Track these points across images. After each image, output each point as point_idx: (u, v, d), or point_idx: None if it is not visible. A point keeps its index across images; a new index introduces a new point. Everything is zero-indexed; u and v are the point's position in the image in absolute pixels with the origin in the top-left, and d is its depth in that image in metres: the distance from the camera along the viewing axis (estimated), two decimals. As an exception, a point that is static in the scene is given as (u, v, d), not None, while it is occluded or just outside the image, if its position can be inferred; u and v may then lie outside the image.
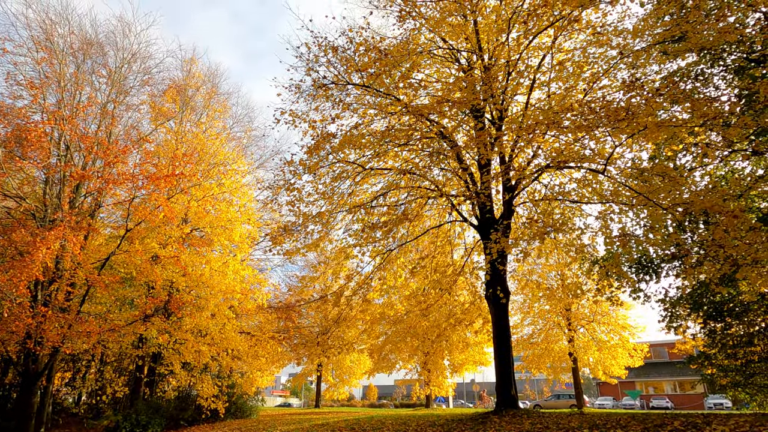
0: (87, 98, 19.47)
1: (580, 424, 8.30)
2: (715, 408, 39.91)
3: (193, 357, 17.88)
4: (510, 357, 11.99)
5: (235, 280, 19.76)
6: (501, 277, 12.41)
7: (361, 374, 34.67)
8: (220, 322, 19.18)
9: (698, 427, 6.56)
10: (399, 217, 11.33)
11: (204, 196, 18.95)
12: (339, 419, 15.74)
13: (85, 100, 19.33)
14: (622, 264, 13.65)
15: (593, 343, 27.18)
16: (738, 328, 14.42)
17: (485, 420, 10.27)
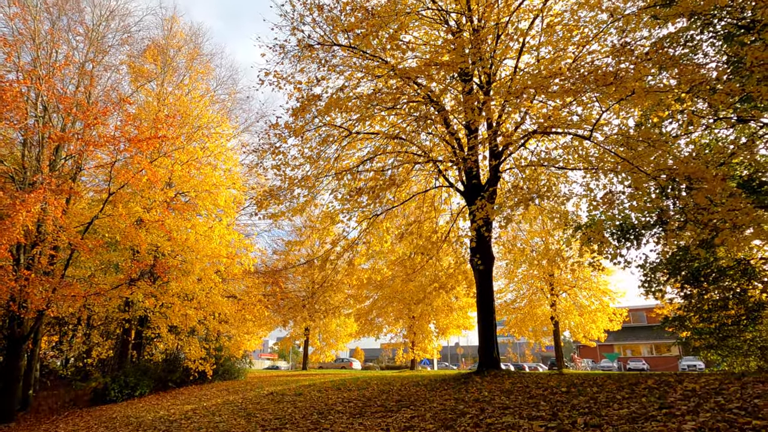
0: (64, 57, 18.81)
1: (558, 383, 8.58)
2: (689, 369, 41.52)
3: (180, 320, 17.98)
4: (493, 320, 12.25)
5: (221, 244, 19.69)
6: (485, 242, 12.54)
7: (348, 338, 35.25)
8: (206, 286, 19.22)
9: (671, 385, 6.82)
10: (386, 182, 11.30)
11: (188, 159, 18.64)
12: (325, 380, 16.08)
13: (61, 59, 18.67)
14: (604, 230, 13.84)
15: (575, 307, 27.86)
16: (713, 292, 14.82)
17: (467, 380, 10.56)
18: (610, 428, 5.01)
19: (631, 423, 5.11)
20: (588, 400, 6.60)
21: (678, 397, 5.97)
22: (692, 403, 5.49)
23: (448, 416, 6.91)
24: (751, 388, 5.85)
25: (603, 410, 5.87)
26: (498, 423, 6.02)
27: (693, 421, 4.77)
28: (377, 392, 10.79)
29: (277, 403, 11.32)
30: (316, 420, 8.31)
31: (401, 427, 6.74)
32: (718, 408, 5.14)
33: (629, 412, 5.58)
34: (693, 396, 5.88)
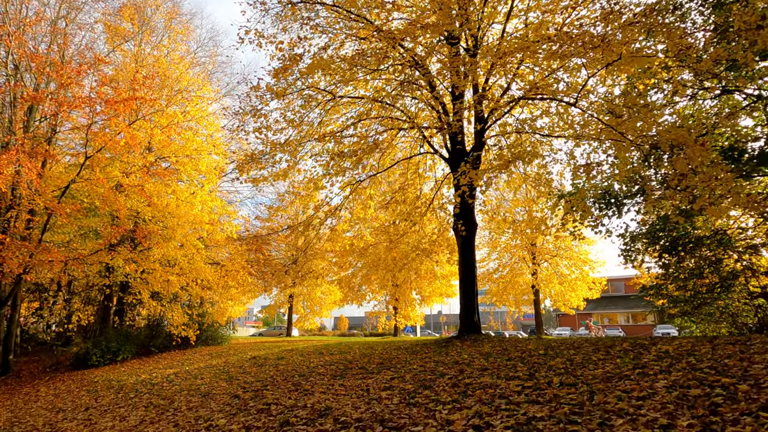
0: (35, 13, 18.02)
1: (536, 346, 8.74)
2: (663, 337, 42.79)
3: (162, 286, 17.87)
4: (474, 286, 12.38)
5: (203, 211, 19.50)
6: (469, 209, 12.54)
7: (332, 305, 35.51)
8: (188, 252, 19.06)
9: (645, 347, 6.98)
10: (369, 146, 11.14)
11: (168, 123, 18.17)
12: (308, 345, 16.23)
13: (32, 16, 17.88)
14: (587, 199, 13.96)
15: (555, 276, 28.35)
16: (690, 261, 15.13)
17: (448, 344, 10.72)
18: (585, 387, 5.12)
19: (605, 382, 5.22)
20: (564, 361, 6.73)
21: (651, 358, 6.11)
22: (665, 364, 5.62)
23: (428, 377, 7.01)
24: (721, 350, 6.00)
25: (578, 371, 5.99)
26: (476, 383, 6.11)
27: (665, 380, 4.89)
28: (359, 356, 10.91)
29: (259, 367, 11.40)
30: (297, 381, 8.38)
31: (381, 387, 6.82)
32: (689, 367, 5.27)
33: (604, 372, 5.70)
34: (666, 357, 6.02)
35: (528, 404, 4.81)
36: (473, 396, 5.46)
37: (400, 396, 6.08)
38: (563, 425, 4.01)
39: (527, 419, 4.34)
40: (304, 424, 5.50)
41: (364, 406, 5.85)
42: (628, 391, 4.70)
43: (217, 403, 7.75)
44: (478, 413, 4.74)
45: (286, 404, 6.63)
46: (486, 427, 4.35)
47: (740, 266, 14.12)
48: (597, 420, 3.99)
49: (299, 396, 7.09)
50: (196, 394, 8.92)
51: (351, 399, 6.35)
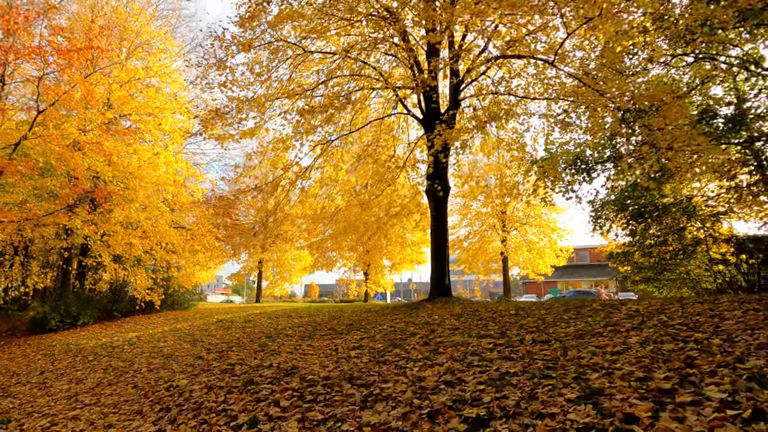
0: (-25, -48, 16.53)
1: (507, 307, 8.71)
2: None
3: (124, 249, 17.22)
4: (446, 249, 12.27)
5: (168, 172, 18.74)
6: (442, 171, 12.32)
7: (302, 271, 35.25)
8: (152, 215, 18.40)
9: (615, 307, 6.99)
10: (341, 102, 10.68)
11: (129, 79, 17.18)
12: (277, 309, 16.00)
13: (-28, -45, 16.41)
14: (558, 165, 13.96)
15: (524, 244, 28.73)
16: (656, 228, 15.44)
17: (418, 306, 10.63)
18: (558, 343, 5.03)
19: (577, 339, 5.14)
20: (536, 320, 6.67)
21: (622, 316, 6.08)
22: (636, 321, 5.59)
23: (398, 337, 6.86)
24: (690, 308, 6.02)
25: (550, 329, 5.92)
26: (447, 341, 5.99)
27: (637, 336, 4.83)
28: (328, 318, 10.73)
29: (225, 329, 11.11)
30: (264, 343, 8.15)
31: (350, 346, 6.64)
32: (661, 324, 5.24)
33: (576, 329, 5.64)
34: (637, 315, 6.00)
35: (501, 360, 4.69)
36: (444, 353, 5.32)
37: (369, 355, 5.91)
38: (537, 380, 3.89)
39: (500, 374, 4.21)
40: (269, 383, 5.27)
41: (332, 364, 5.66)
42: (601, 347, 4.63)
43: (179, 365, 7.46)
44: (450, 370, 4.59)
45: (251, 364, 6.39)
46: (458, 382, 4.20)
47: (702, 234, 14.47)
48: (572, 374, 3.88)
49: (265, 356, 6.86)
50: (158, 356, 8.60)
51: (319, 358, 6.15)
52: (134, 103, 17.98)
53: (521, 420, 3.20)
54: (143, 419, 5.18)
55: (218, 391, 5.42)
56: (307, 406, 4.29)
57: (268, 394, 4.85)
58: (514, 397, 3.57)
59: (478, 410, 3.44)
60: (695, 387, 3.18)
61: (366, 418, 3.73)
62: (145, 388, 6.39)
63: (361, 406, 4.07)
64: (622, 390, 3.34)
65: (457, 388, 4.06)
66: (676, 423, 2.72)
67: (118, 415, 5.56)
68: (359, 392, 4.39)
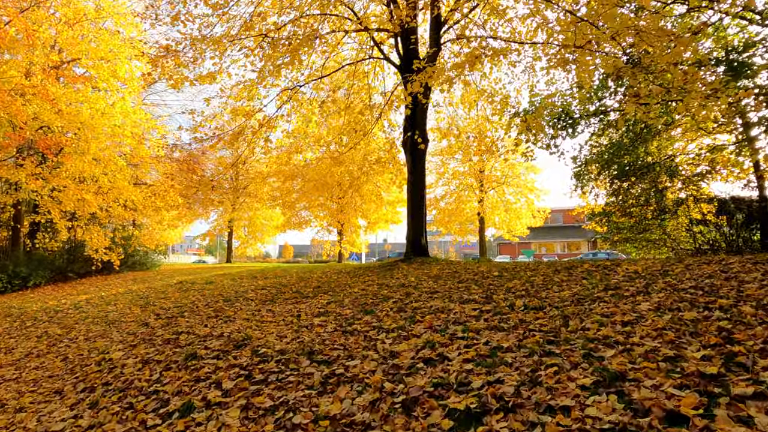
0: None
1: (489, 268, 8.02)
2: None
3: (76, 206, 15.93)
4: (423, 206, 11.46)
5: (125, 124, 17.28)
6: (421, 122, 11.38)
7: (274, 231, 34.22)
8: (108, 169, 17.02)
9: (609, 268, 6.33)
10: (307, 36, 9.50)
11: (77, 19, 15.45)
12: (243, 270, 15.10)
13: None
14: (543, 117, 13.22)
15: (501, 204, 28.23)
16: (638, 188, 15.02)
17: (393, 267, 9.88)
18: (555, 310, 4.30)
19: (576, 305, 4.42)
20: (523, 283, 5.96)
21: (621, 279, 5.41)
22: (639, 284, 4.91)
23: (369, 301, 6.08)
24: (697, 269, 5.37)
25: (542, 293, 5.21)
26: (425, 307, 5.23)
27: (647, 302, 4.13)
28: (295, 280, 9.91)
29: (183, 292, 10.20)
30: (220, 307, 7.28)
31: (315, 312, 5.84)
32: (670, 288, 4.56)
33: (572, 293, 4.93)
34: (638, 277, 5.33)
35: (489, 331, 3.94)
36: (422, 322, 4.55)
37: (335, 322, 5.12)
38: (537, 357, 3.14)
39: (491, 350, 3.45)
40: (214, 357, 4.44)
41: (291, 335, 4.84)
42: (607, 315, 3.90)
43: (120, 333, 6.56)
44: (429, 343, 3.82)
45: (200, 333, 5.54)
46: (440, 360, 3.43)
47: (685, 194, 14.13)
48: (580, 350, 3.14)
49: (217, 324, 6.01)
50: (101, 323, 7.67)
51: (277, 327, 5.34)
52: (84, 46, 16.27)
53: (524, 415, 2.44)
54: (61, 401, 4.31)
55: (154, 366, 4.57)
56: (255, 389, 3.48)
57: (210, 372, 4.02)
58: (511, 382, 2.81)
59: (467, 399, 2.67)
60: (749, 373, 2.45)
61: (324, 407, 2.94)
62: (75, 360, 5.50)
63: (320, 390, 3.28)
64: (650, 374, 2.60)
65: (438, 367, 3.29)
66: (743, 427, 1.99)
67: (35, 394, 4.67)
68: (319, 371, 3.59)
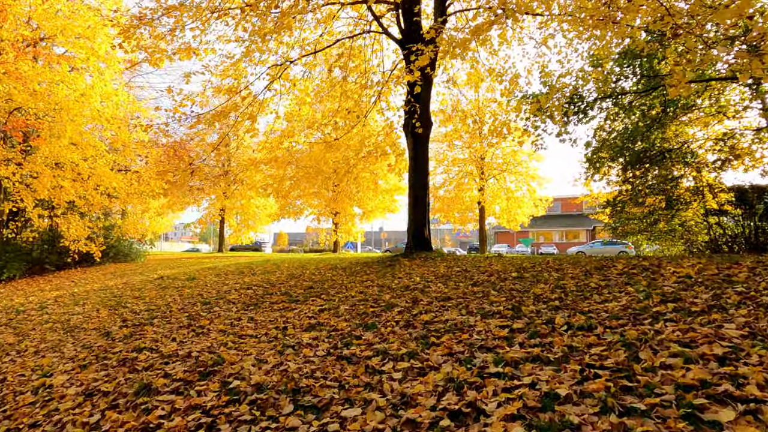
0: None
1: (504, 267, 7.06)
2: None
3: (51, 194, 14.86)
4: (426, 195, 10.47)
5: (106, 106, 16.20)
6: (424, 103, 10.35)
7: (268, 219, 33.16)
8: (87, 154, 15.93)
9: (650, 269, 5.38)
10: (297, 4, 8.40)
11: (50, -10, 14.31)
12: (231, 263, 14.10)
13: None
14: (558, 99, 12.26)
15: (502, 192, 27.26)
16: (652, 175, 14.18)
17: (394, 263, 8.92)
18: (609, 333, 3.34)
19: (634, 324, 3.46)
20: (553, 288, 5.01)
21: (674, 285, 4.45)
22: (703, 295, 3.95)
23: (369, 310, 5.11)
24: (765, 274, 4.43)
25: (581, 303, 4.25)
26: (438, 321, 4.27)
27: (730, 323, 3.18)
28: (285, 277, 8.92)
29: (161, 290, 9.20)
30: (196, 313, 6.30)
31: (304, 325, 4.86)
32: (750, 302, 3.60)
33: (621, 306, 3.97)
34: (695, 285, 4.38)
35: (531, 364, 2.98)
36: (439, 346, 3.59)
37: (329, 341, 4.15)
38: (616, 417, 2.18)
39: (541, 398, 2.49)
40: (172, 391, 3.46)
41: (273, 358, 3.87)
42: (687, 343, 2.94)
43: (75, 345, 5.58)
44: (452, 381, 2.85)
45: (164, 351, 4.57)
46: (472, 413, 2.47)
47: (703, 181, 13.28)
48: (675, 408, 2.18)
49: (188, 337, 5.04)
50: (60, 330, 6.67)
51: (258, 345, 4.36)
52: (60, 22, 15.10)
53: None
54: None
55: (98, 400, 3.60)
56: (216, 452, 2.52)
57: (163, 417, 3.05)
58: (590, 467, 1.85)
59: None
60: None
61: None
62: (12, 385, 4.51)
63: (306, 461, 2.32)
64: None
65: (473, 428, 2.33)
66: None
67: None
68: (305, 424, 2.63)
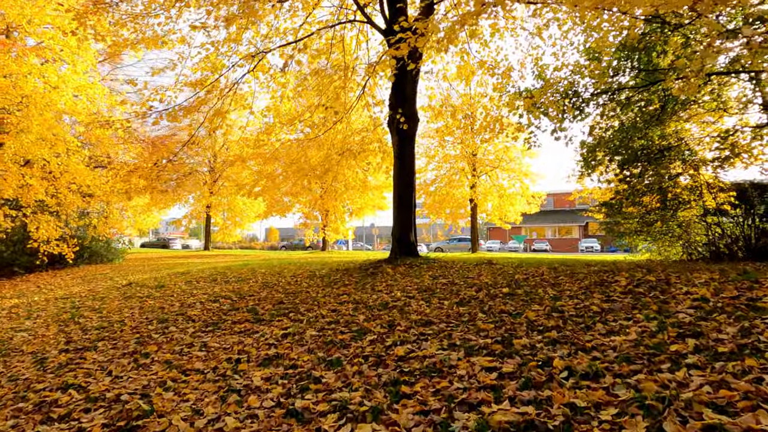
0: None
1: (493, 278, 6.40)
2: (587, 250, 44.09)
3: (18, 193, 14.04)
4: (412, 197, 9.80)
5: (80, 99, 15.40)
6: (410, 98, 9.66)
7: (255, 217, 32.43)
8: (59, 150, 15.13)
9: (657, 287, 4.74)
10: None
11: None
12: (206, 267, 13.36)
13: None
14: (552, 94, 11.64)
15: (494, 189, 26.65)
16: (649, 174, 13.60)
17: (376, 270, 8.25)
18: (620, 383, 2.69)
19: (650, 371, 2.80)
20: (549, 312, 4.36)
21: (691, 313, 3.81)
22: (729, 328, 3.31)
23: (338, 337, 4.43)
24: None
25: (583, 335, 3.60)
26: (415, 356, 3.60)
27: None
28: (258, 287, 8.22)
29: (124, 300, 8.48)
30: (148, 335, 5.59)
31: (260, 357, 4.17)
32: (790, 342, 2.96)
33: (631, 342, 3.32)
34: (715, 311, 3.74)
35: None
36: (411, 397, 2.92)
37: (283, 385, 3.46)
38: None
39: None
40: (78, 459, 2.78)
41: (212, 408, 3.18)
42: (723, 408, 2.29)
43: (1, 377, 4.86)
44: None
45: (93, 390, 3.86)
46: None
47: (700, 181, 12.73)
48: None
49: (126, 371, 4.33)
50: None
51: (199, 387, 3.66)
52: (27, 10, 14.27)
53: None
54: None
55: (-10, 468, 2.91)
56: None
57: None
58: None
59: None
60: None
61: None
62: None
63: None
64: None
65: None
66: None
67: None
68: None
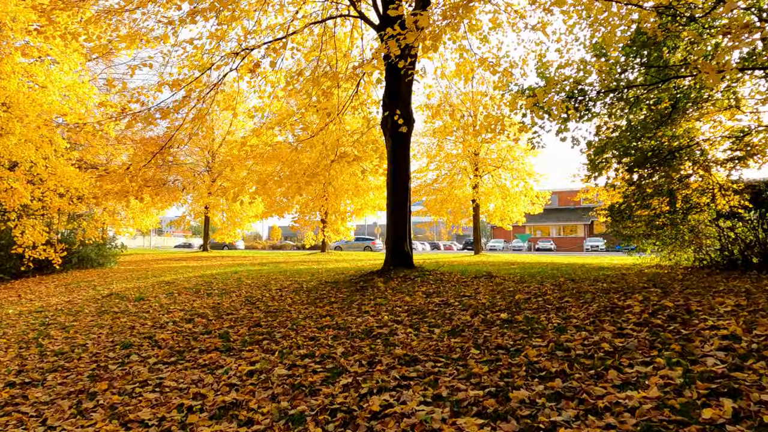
0: None
1: (492, 298, 5.81)
2: (592, 249, 43.51)
3: (1, 197, 13.54)
4: (406, 203, 9.20)
5: (67, 99, 14.91)
6: (404, 98, 9.05)
7: (253, 218, 31.97)
8: (46, 152, 14.64)
9: (677, 318, 4.15)
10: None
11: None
12: (195, 274, 12.81)
13: None
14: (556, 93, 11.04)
15: (497, 189, 26.00)
16: (659, 176, 13.00)
17: (366, 285, 7.67)
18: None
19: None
20: (553, 350, 3.76)
21: (721, 357, 3.21)
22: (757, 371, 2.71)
23: (308, 379, 3.83)
24: None
25: (595, 388, 3.00)
26: (392, 414, 3.01)
27: None
28: (240, 302, 7.65)
29: (98, 316, 7.93)
30: (105, 366, 5.01)
31: (217, 404, 3.57)
32: None
33: (652, 402, 2.71)
34: (750, 355, 3.14)
35: None
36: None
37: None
38: None
39: None
40: None
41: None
42: None
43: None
44: None
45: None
46: None
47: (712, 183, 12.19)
48: None
49: (63, 417, 3.75)
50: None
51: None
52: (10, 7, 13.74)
53: None
54: None
55: None
56: None
57: None
58: None
59: None
60: None
61: None
62: None
63: None
64: None
65: None
66: None
67: None
68: None
